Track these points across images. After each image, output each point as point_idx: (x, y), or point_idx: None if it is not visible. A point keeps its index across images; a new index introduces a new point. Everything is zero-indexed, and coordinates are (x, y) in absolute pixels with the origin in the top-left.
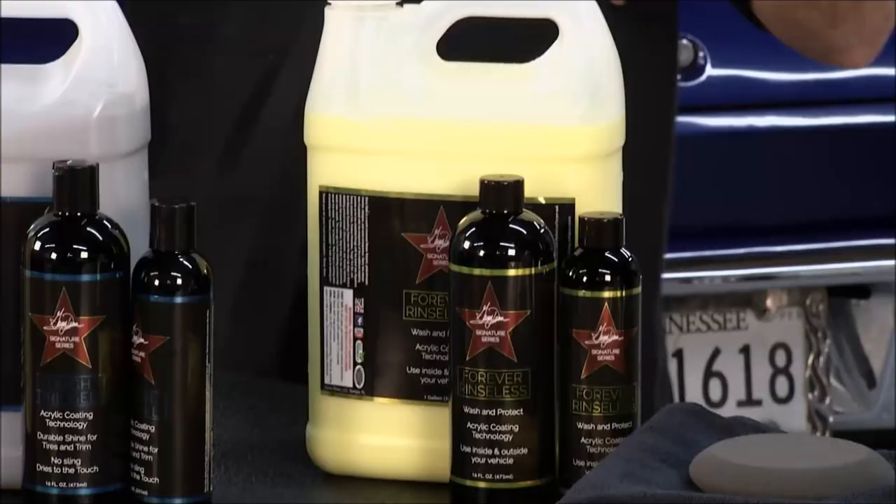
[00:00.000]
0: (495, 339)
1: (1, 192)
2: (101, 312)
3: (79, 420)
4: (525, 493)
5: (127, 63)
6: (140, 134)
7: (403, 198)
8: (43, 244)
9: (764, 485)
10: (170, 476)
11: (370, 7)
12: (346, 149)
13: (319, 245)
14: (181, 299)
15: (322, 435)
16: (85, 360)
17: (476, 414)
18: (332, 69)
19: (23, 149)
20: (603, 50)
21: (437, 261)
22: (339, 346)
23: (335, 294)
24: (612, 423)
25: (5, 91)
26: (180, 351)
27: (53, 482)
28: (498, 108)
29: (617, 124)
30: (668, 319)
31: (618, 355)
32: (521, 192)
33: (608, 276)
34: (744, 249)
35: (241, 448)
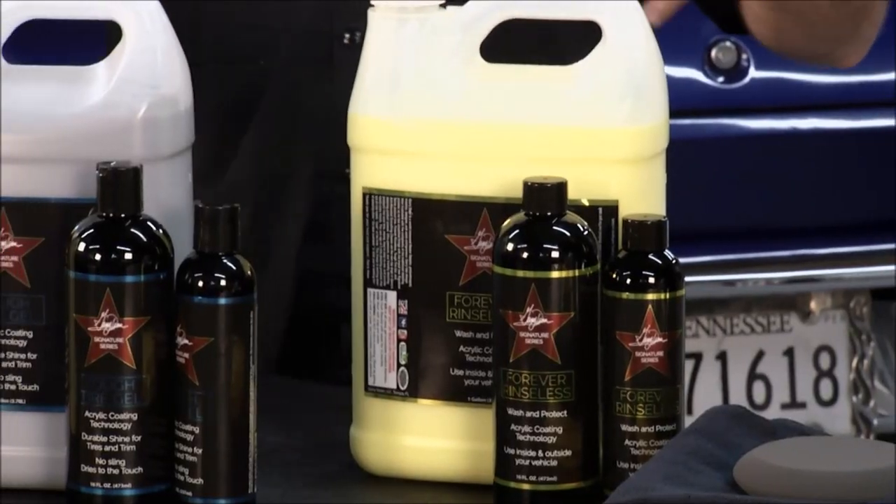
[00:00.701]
0: (539, 341)
1: (46, 193)
2: (145, 313)
3: (123, 421)
4: (569, 495)
5: (170, 64)
6: (184, 135)
7: (447, 199)
8: (87, 245)
9: (807, 488)
10: (214, 477)
11: (413, 8)
12: (388, 150)
13: (363, 246)
14: (225, 300)
15: (365, 436)
16: (129, 361)
17: (520, 416)
18: (374, 70)
19: (67, 150)
20: (646, 51)
21: (481, 262)
22: (382, 347)
23: (378, 296)
24: (655, 426)
25: (49, 92)
26: (224, 352)
27: (98, 483)
28: (541, 109)
29: (660, 126)
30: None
31: (661, 357)
32: (564, 193)
33: (651, 279)
34: (788, 252)
35: (284, 449)
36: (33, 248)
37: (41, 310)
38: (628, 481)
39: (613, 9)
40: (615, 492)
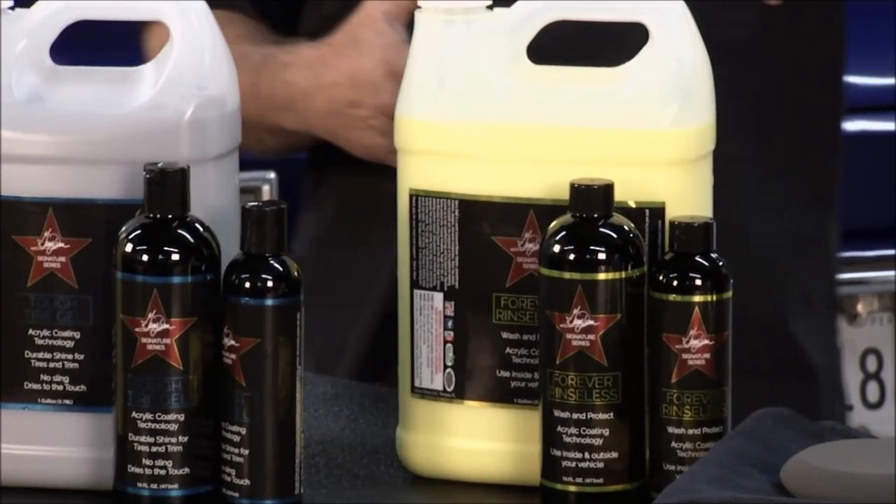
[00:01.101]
0: (585, 343)
1: (93, 194)
2: (192, 314)
3: (170, 421)
4: (615, 497)
5: (218, 65)
6: (231, 136)
7: (493, 201)
8: (134, 246)
9: (854, 490)
10: (261, 478)
11: (459, 10)
12: (435, 152)
13: (410, 248)
14: (272, 301)
15: (412, 438)
16: (176, 361)
17: (566, 417)
18: (421, 72)
19: (114, 151)
20: (693, 53)
21: (527, 264)
22: (429, 349)
23: (425, 297)
24: (702, 428)
25: (97, 93)
26: (271, 353)
27: (144, 483)
28: (588, 111)
29: (707, 127)
30: None
31: (708, 360)
32: (611, 195)
33: (698, 281)
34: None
35: (330, 450)
36: (81, 248)
37: (88, 310)
38: (674, 483)
39: (661, 10)
40: (661, 494)
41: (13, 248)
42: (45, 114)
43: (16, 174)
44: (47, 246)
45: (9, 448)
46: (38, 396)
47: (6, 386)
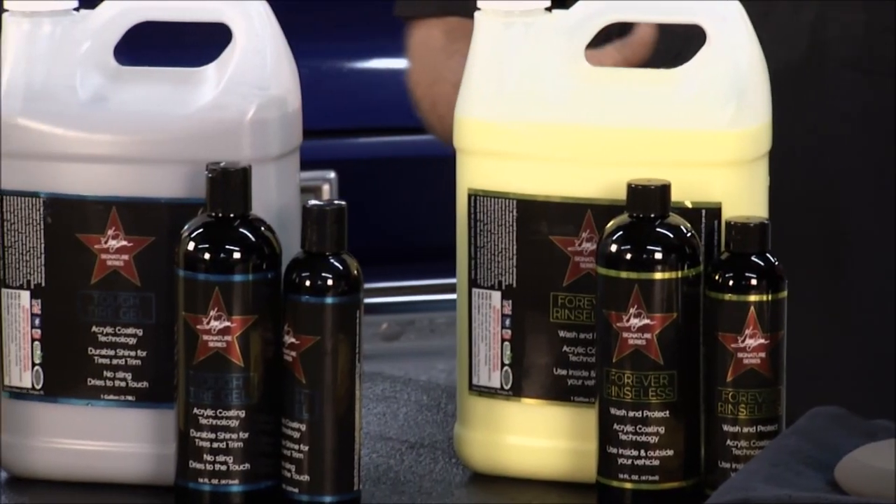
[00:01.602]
0: (642, 342)
1: (156, 193)
2: (252, 312)
3: (231, 418)
4: (671, 494)
5: (279, 66)
6: (292, 136)
7: (551, 201)
8: (196, 245)
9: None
10: (320, 474)
11: (519, 12)
12: (493, 152)
13: (468, 247)
14: (332, 300)
15: (470, 435)
16: (237, 358)
17: (622, 415)
18: (480, 73)
19: (177, 150)
20: (749, 55)
21: (585, 263)
22: (486, 347)
23: (483, 296)
24: (757, 426)
25: (160, 94)
26: (331, 350)
27: (206, 479)
28: (646, 112)
29: (764, 128)
30: None
31: (763, 359)
32: (667, 195)
33: (754, 280)
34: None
35: (389, 447)
36: (143, 247)
37: (151, 308)
38: (730, 481)
39: (717, 12)
40: (717, 492)
41: (77, 246)
42: (109, 114)
43: (80, 173)
44: (111, 244)
45: (72, 443)
46: (101, 392)
47: (70, 382)
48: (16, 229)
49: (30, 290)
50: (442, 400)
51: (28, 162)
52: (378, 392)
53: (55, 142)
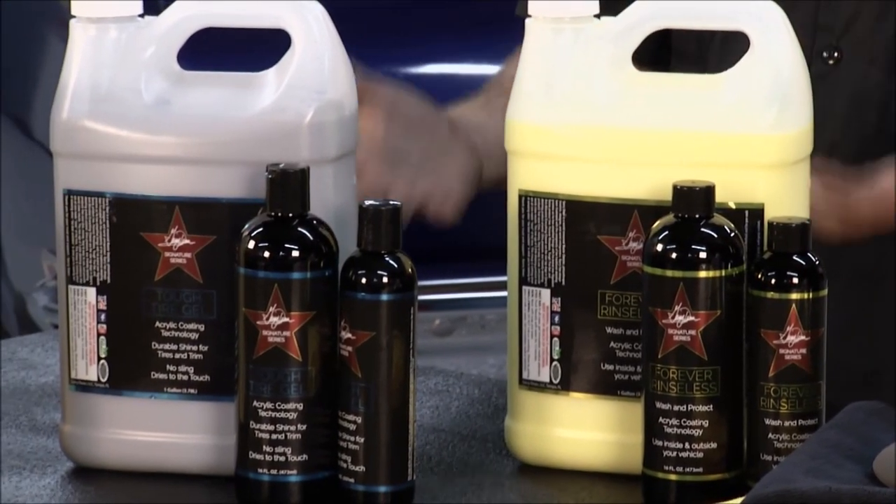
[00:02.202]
0: (686, 338)
1: (217, 193)
2: (310, 308)
3: (289, 410)
4: (714, 485)
5: (336, 71)
6: (349, 139)
7: (599, 202)
8: (256, 243)
9: None
10: (375, 465)
11: (568, 19)
12: (543, 155)
13: (518, 246)
14: (387, 297)
15: (520, 427)
16: (295, 353)
17: (667, 409)
18: (531, 78)
19: (238, 152)
20: (792, 60)
21: (631, 262)
22: (536, 342)
23: (533, 293)
24: (798, 420)
25: (222, 97)
26: (386, 346)
27: (265, 469)
28: (691, 115)
29: (805, 131)
30: None
31: (804, 355)
32: (712, 197)
33: (796, 279)
34: None
35: (442, 439)
36: (205, 245)
37: (212, 304)
38: (771, 473)
39: (761, 18)
40: (759, 483)
41: (142, 244)
42: (173, 117)
43: (144, 174)
44: (174, 242)
45: (135, 434)
46: (164, 386)
47: (134, 375)
48: (82, 228)
49: (96, 287)
50: (493, 394)
51: (94, 163)
52: (431, 386)
53: (120, 143)
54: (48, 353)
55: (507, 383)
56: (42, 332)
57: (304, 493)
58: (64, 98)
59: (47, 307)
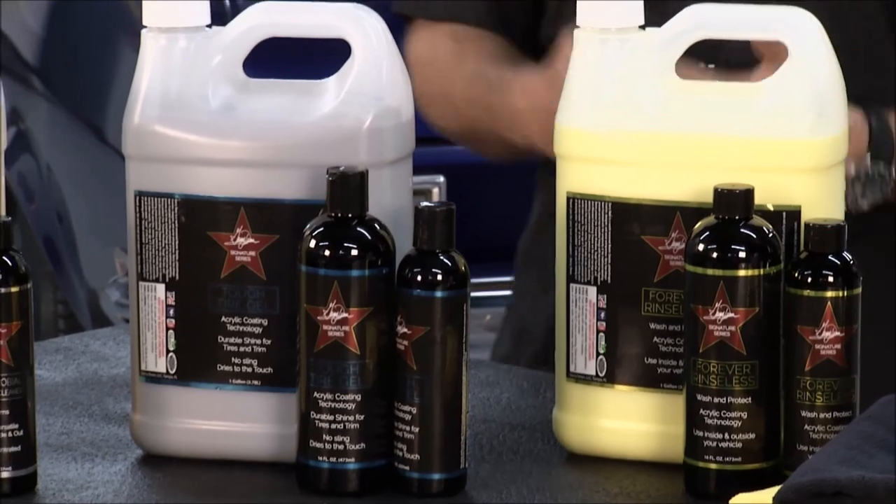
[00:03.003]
0: (726, 334)
1: (280, 195)
2: (368, 304)
3: (348, 401)
4: (752, 474)
5: (394, 79)
6: (405, 143)
7: (643, 203)
8: (317, 242)
9: None
10: (429, 453)
11: (614, 29)
12: (591, 158)
13: (566, 246)
14: (441, 293)
15: (567, 418)
16: (354, 347)
17: (708, 401)
18: (579, 85)
19: (300, 156)
20: (828, 69)
21: (674, 261)
22: (583, 337)
23: (580, 290)
24: (833, 412)
25: (285, 104)
26: (440, 340)
27: (324, 457)
28: (731, 122)
29: (840, 137)
30: None
31: (839, 350)
32: (751, 199)
33: (831, 278)
34: None
35: (493, 429)
36: (269, 244)
37: (275, 300)
38: (807, 463)
39: (799, 29)
40: (795, 472)
41: (209, 243)
42: (238, 122)
43: (211, 176)
44: (239, 241)
45: (202, 423)
46: (229, 377)
47: (201, 367)
48: (152, 227)
49: (165, 283)
50: (541, 386)
51: (164, 165)
52: (483, 378)
53: (189, 147)
54: (119, 346)
55: (555, 376)
56: (114, 326)
57: (361, 480)
58: (135, 104)
59: (119, 302)
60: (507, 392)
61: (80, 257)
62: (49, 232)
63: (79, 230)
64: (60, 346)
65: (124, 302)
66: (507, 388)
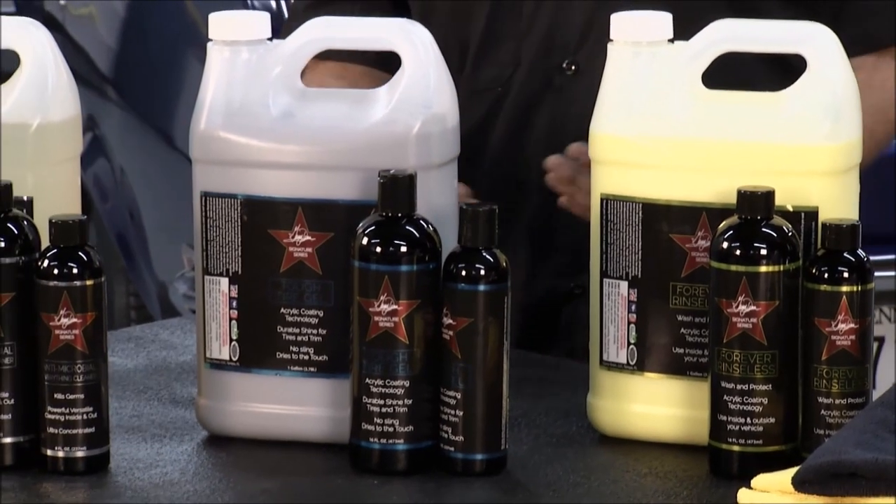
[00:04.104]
0: (748, 325)
1: (335, 196)
2: (416, 297)
3: (397, 387)
4: (772, 456)
5: (440, 88)
6: (451, 148)
7: (671, 205)
8: (369, 240)
9: None
10: (472, 435)
11: (645, 43)
12: (623, 163)
13: (600, 243)
14: (484, 287)
15: (600, 403)
16: (403, 336)
17: (731, 388)
18: (612, 95)
19: (354, 159)
20: (844, 80)
21: (700, 258)
22: (615, 328)
23: (612, 285)
24: (847, 399)
25: (340, 111)
26: (482, 331)
27: (376, 439)
28: (754, 128)
29: (855, 143)
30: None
31: (853, 341)
32: (772, 200)
33: (846, 274)
34: None
35: (531, 413)
36: (324, 241)
37: (330, 293)
38: (823, 446)
39: (817, 43)
40: (812, 454)
41: (269, 240)
42: (297, 128)
43: (271, 178)
44: (297, 238)
45: (262, 407)
46: (287, 364)
47: (261, 355)
48: (217, 226)
49: (228, 277)
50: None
51: (228, 168)
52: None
53: (251, 151)
54: (186, 335)
55: (590, 364)
56: (181, 317)
57: (409, 460)
58: (202, 112)
59: (186, 295)
60: (544, 379)
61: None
62: (122, 229)
63: (149, 228)
64: (132, 335)
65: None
66: (544, 375)
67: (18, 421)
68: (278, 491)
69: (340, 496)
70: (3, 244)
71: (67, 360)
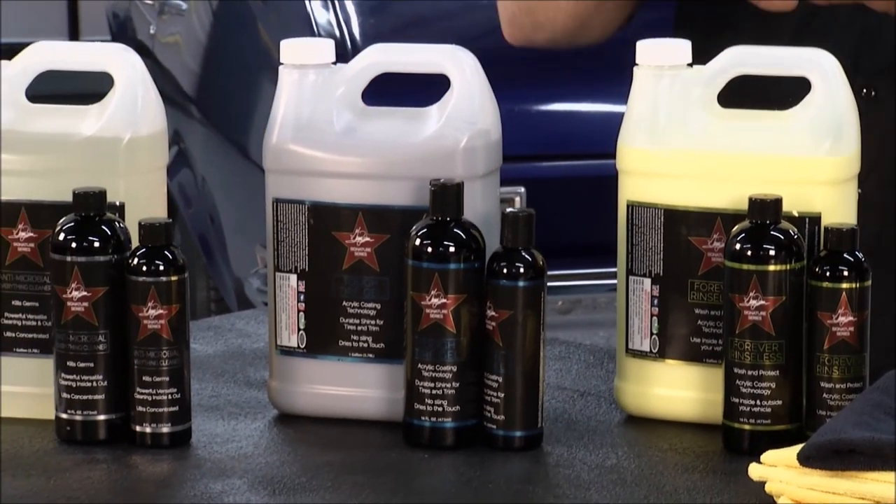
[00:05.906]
0: (759, 318)
1: (392, 202)
2: (463, 292)
3: (445, 371)
4: (780, 434)
5: (485, 106)
6: (494, 160)
7: (690, 210)
8: (421, 241)
9: None
10: (513, 414)
11: (667, 66)
12: (647, 173)
13: (626, 245)
14: (523, 283)
15: (626, 387)
16: (451, 327)
17: (743, 374)
18: (638, 112)
19: (408, 169)
20: (844, 99)
21: (715, 258)
22: (639, 320)
23: (637, 282)
24: (847, 384)
25: (396, 127)
26: (521, 322)
27: (426, 417)
28: (764, 142)
29: (854, 156)
30: None
31: (852, 332)
32: (780, 207)
33: (846, 272)
34: None
35: (564, 395)
36: (381, 242)
37: (386, 288)
38: (826, 425)
39: (822, 67)
40: (815, 433)
41: (332, 241)
42: (358, 142)
43: (335, 186)
44: (357, 240)
45: (326, 389)
46: (348, 351)
47: (326, 343)
48: (286, 228)
49: (296, 274)
50: (604, 360)
51: (296, 177)
52: (556, 353)
53: (317, 162)
54: (259, 325)
55: (616, 352)
56: (255, 309)
57: (456, 436)
58: (273, 127)
59: (259, 289)
60: (576, 364)
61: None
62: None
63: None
64: (211, 324)
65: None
66: (575, 361)
67: (111, 400)
68: (339, 463)
69: (394, 468)
70: (97, 244)
71: (154, 346)
